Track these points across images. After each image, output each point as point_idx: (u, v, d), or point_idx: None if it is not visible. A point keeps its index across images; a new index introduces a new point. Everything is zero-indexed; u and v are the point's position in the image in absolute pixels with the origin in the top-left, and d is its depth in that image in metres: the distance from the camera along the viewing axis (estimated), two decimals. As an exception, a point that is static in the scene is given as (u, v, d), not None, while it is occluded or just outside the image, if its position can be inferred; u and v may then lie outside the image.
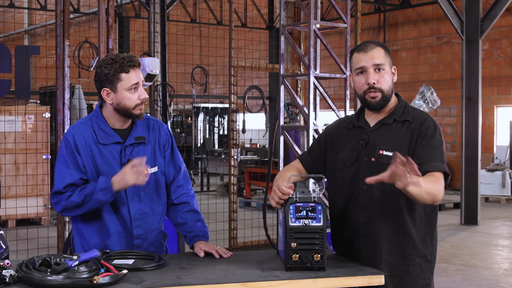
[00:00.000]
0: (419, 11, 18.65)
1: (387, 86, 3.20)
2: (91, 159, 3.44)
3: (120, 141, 3.47)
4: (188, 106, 21.99)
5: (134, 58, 3.42)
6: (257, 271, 3.00)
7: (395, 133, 3.18)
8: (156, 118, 9.97)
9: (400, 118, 3.20)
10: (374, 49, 3.20)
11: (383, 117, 3.24)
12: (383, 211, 3.14)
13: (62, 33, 7.97)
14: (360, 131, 3.26)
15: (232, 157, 9.44)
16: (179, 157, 3.67)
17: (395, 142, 3.14)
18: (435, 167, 3.05)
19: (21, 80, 7.58)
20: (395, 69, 3.26)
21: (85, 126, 3.50)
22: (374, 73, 3.18)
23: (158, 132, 3.60)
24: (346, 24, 7.06)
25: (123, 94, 3.39)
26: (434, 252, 3.22)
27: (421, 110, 3.27)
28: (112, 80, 3.38)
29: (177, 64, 10.93)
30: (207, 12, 19.98)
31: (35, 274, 2.70)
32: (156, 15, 10.00)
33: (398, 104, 3.26)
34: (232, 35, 9.30)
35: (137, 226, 3.50)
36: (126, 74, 3.38)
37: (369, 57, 3.18)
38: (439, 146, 3.11)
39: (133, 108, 3.42)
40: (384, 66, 3.18)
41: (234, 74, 9.29)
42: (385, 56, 3.20)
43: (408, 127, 3.17)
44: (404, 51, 19.07)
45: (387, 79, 3.19)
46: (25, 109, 11.11)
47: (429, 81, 17.55)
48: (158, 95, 9.71)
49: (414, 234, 3.12)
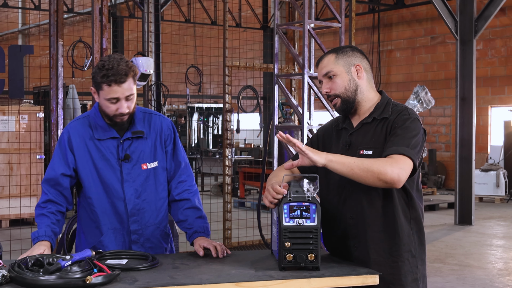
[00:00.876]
0: (413, 11, 18.66)
1: (342, 88, 3.19)
2: (88, 154, 3.46)
3: (117, 136, 3.47)
4: (183, 106, 21.97)
5: (122, 73, 3.31)
6: (251, 271, 2.99)
7: (373, 131, 3.16)
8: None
9: (379, 116, 3.18)
10: (323, 59, 3.24)
11: (364, 117, 3.23)
12: (369, 212, 3.13)
13: (55, 33, 7.95)
14: (344, 133, 3.27)
15: (226, 157, 9.42)
16: (181, 152, 3.65)
17: (374, 140, 3.13)
18: (392, 150, 2.99)
19: (14, 79, 7.55)
20: (359, 66, 3.20)
21: (81, 123, 3.53)
22: (327, 82, 3.22)
23: (160, 126, 3.59)
24: (340, 24, 7.06)
25: (102, 101, 3.40)
26: (419, 246, 3.19)
27: (405, 105, 3.21)
28: (96, 85, 3.39)
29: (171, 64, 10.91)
30: (201, 12, 19.96)
31: (28, 274, 2.68)
32: (150, 14, 9.99)
33: (379, 101, 3.24)
34: (226, 35, 9.28)
35: (134, 221, 3.50)
36: (108, 87, 3.34)
37: (319, 69, 3.24)
38: (406, 134, 3.03)
39: (112, 116, 3.43)
40: (332, 71, 3.19)
41: (228, 74, 9.27)
42: (335, 61, 3.20)
43: (385, 124, 3.14)
44: (398, 51, 19.08)
45: (340, 83, 3.18)
46: (18, 108, 11.07)
47: (423, 81, 17.57)
48: (152, 95, 9.69)
49: (399, 231, 3.11)
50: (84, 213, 3.55)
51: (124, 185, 3.47)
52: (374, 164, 2.93)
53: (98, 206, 3.48)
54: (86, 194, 3.51)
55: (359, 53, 3.25)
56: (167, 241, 3.66)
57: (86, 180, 3.49)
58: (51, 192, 3.45)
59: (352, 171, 2.94)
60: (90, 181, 3.48)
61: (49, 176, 3.48)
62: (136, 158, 3.50)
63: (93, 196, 3.48)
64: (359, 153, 3.12)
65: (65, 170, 3.47)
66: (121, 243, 3.51)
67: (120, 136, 3.48)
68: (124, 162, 3.47)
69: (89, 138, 3.48)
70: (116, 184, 3.47)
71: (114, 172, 3.47)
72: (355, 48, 3.29)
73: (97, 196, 3.48)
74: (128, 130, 3.50)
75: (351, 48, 3.27)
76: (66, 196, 3.50)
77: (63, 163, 3.48)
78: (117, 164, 3.47)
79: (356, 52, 3.25)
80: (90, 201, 3.50)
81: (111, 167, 3.46)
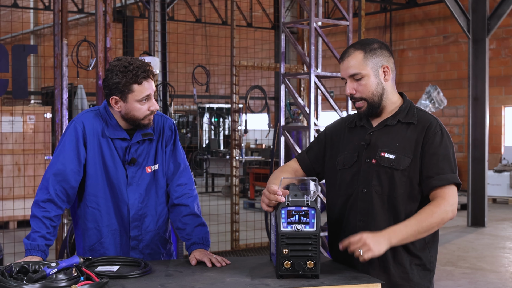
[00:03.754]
0: (425, 10, 18.46)
1: (370, 92, 3.00)
2: (99, 150, 3.31)
3: (127, 137, 3.33)
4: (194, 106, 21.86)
5: (148, 68, 3.23)
6: (247, 279, 2.84)
7: (399, 135, 3.00)
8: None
9: (404, 119, 3.02)
10: (349, 56, 3.02)
11: (387, 117, 3.06)
12: (382, 217, 2.97)
13: (60, 32, 7.86)
14: (362, 131, 3.09)
15: (234, 158, 9.29)
16: (180, 153, 3.50)
17: (398, 145, 2.97)
18: (445, 180, 2.89)
19: (18, 80, 7.46)
20: (387, 68, 3.02)
21: (94, 116, 3.35)
22: (352, 82, 3.02)
23: (162, 127, 3.45)
24: (348, 22, 6.90)
25: (133, 105, 3.23)
26: (433, 260, 3.05)
27: (427, 111, 3.07)
28: (123, 90, 3.20)
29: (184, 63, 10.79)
30: (213, 11, 19.84)
31: (10, 282, 2.55)
32: (157, 13, 9.87)
33: (403, 104, 3.07)
34: (234, 34, 9.16)
35: (135, 227, 3.38)
36: (138, 86, 3.19)
37: (345, 67, 3.03)
38: (447, 154, 2.94)
39: (142, 119, 3.27)
40: (360, 74, 2.99)
41: (236, 74, 9.14)
42: (363, 61, 2.99)
43: (414, 130, 2.98)
44: (410, 51, 18.88)
45: (368, 86, 3.00)
46: (22, 109, 10.99)
47: (435, 80, 17.37)
48: (158, 95, 9.57)
49: (413, 242, 2.96)
50: (87, 210, 3.36)
51: (128, 189, 3.34)
52: (433, 219, 2.87)
53: (102, 205, 3.34)
54: (91, 191, 3.33)
55: (386, 51, 3.04)
56: (165, 246, 3.52)
57: (93, 177, 3.32)
58: (56, 189, 3.23)
59: (418, 236, 2.89)
60: (98, 179, 3.32)
61: (57, 171, 3.26)
62: (142, 161, 3.37)
63: (99, 195, 3.33)
64: (380, 155, 2.97)
65: (75, 165, 3.27)
66: (120, 245, 3.37)
67: (129, 138, 3.35)
68: (130, 165, 3.33)
69: (101, 133, 3.31)
70: (122, 187, 3.34)
71: (120, 174, 3.33)
72: (382, 44, 3.05)
73: (104, 195, 3.33)
74: (137, 132, 3.36)
75: (379, 44, 3.04)
76: (70, 194, 3.29)
77: (75, 157, 3.28)
78: (122, 166, 3.33)
79: (384, 51, 3.03)
80: (95, 199, 3.33)
81: (118, 168, 3.32)
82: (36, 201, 3.24)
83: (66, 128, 3.34)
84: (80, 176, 3.30)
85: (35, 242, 3.14)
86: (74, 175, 3.28)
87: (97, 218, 3.35)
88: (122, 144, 3.34)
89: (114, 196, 3.34)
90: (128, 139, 3.34)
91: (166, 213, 3.48)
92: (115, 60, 3.26)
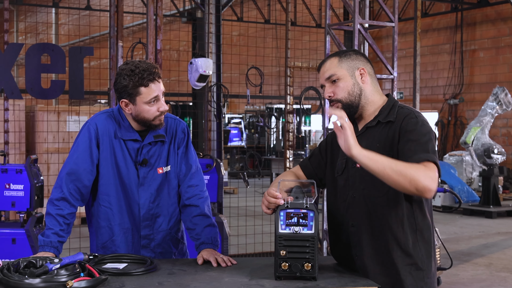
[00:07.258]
0: (498, 9, 17.99)
1: (345, 93, 3.03)
2: (112, 151, 3.41)
3: (139, 139, 3.43)
4: (263, 107, 21.95)
5: (155, 70, 3.32)
6: (245, 279, 2.89)
7: (379, 135, 3.00)
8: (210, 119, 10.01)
9: (384, 119, 3.01)
10: (325, 63, 3.10)
11: (369, 121, 3.07)
12: (371, 221, 2.98)
13: (115, 35, 8.08)
14: None
15: (288, 159, 9.32)
16: (192, 155, 3.58)
17: (379, 145, 2.96)
18: (417, 159, 2.81)
19: (74, 81, 7.70)
20: (363, 70, 3.05)
21: (108, 117, 3.46)
22: (330, 86, 3.07)
23: (175, 129, 3.53)
24: (394, 23, 6.82)
25: (142, 107, 3.33)
26: (427, 258, 3.00)
27: (409, 107, 3.04)
28: (131, 93, 3.31)
29: (238, 65, 10.88)
30: (280, 13, 19.88)
31: (13, 277, 2.67)
32: (211, 16, 10.00)
33: (384, 104, 3.07)
34: (289, 35, 9.19)
35: (146, 226, 3.46)
36: (145, 88, 3.29)
37: (322, 73, 3.09)
38: (421, 139, 2.87)
39: (152, 120, 3.37)
40: (336, 75, 3.04)
41: (290, 75, 9.17)
42: (338, 64, 3.05)
43: (391, 128, 2.97)
44: (482, 51, 18.44)
45: (343, 87, 3.03)
46: (89, 109, 11.31)
47: (507, 81, 16.91)
48: (212, 96, 9.69)
49: (403, 243, 2.94)
50: (99, 208, 3.46)
51: (140, 189, 3.43)
52: (408, 169, 2.75)
53: (115, 204, 3.43)
54: (103, 191, 3.43)
55: (362, 57, 3.11)
56: (177, 246, 3.60)
57: (105, 177, 3.42)
58: (69, 188, 3.34)
59: (384, 170, 2.76)
60: (110, 178, 3.42)
61: (71, 170, 3.37)
62: (153, 162, 3.46)
63: (111, 194, 3.43)
64: None
65: (88, 165, 3.38)
66: (132, 244, 3.47)
67: (141, 139, 3.45)
68: (141, 166, 3.43)
69: (114, 134, 3.42)
70: (133, 187, 3.43)
71: (132, 174, 3.43)
72: (358, 52, 3.15)
73: (116, 195, 3.43)
74: (149, 133, 3.45)
75: (354, 51, 3.13)
76: (84, 193, 3.40)
77: (88, 158, 3.39)
78: (133, 167, 3.43)
79: (359, 56, 3.10)
80: (107, 198, 3.43)
81: (129, 168, 3.42)
82: (50, 199, 3.37)
83: (81, 130, 3.45)
84: (93, 176, 3.41)
85: (48, 238, 3.27)
86: (87, 174, 3.38)
87: (109, 217, 3.45)
88: (134, 145, 3.43)
89: (126, 196, 3.43)
90: (140, 140, 3.43)
91: (178, 213, 3.55)
92: (123, 64, 3.36)
